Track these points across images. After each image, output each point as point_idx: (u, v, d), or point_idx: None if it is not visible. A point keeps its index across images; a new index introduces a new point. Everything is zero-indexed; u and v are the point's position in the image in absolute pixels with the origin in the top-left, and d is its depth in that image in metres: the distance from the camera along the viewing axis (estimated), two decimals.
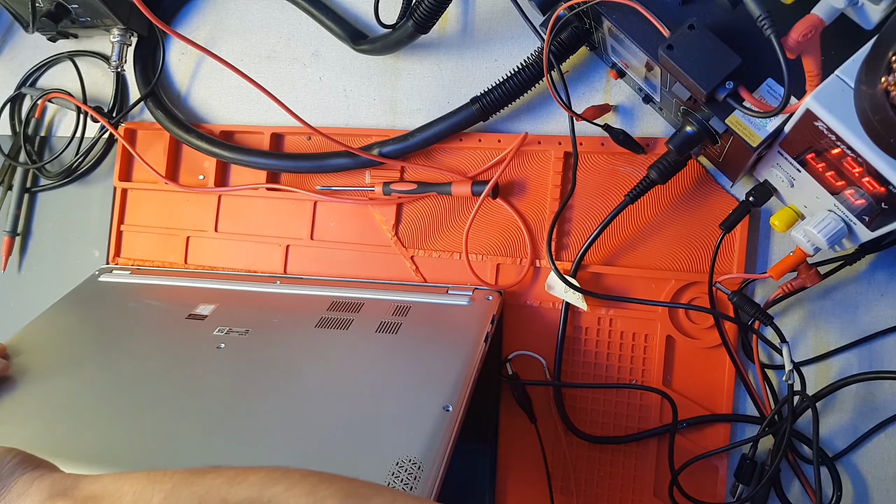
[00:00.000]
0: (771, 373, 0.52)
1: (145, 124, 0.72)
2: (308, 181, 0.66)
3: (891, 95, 0.31)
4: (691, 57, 0.40)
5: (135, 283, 0.66)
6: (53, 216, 0.76)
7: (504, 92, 0.54)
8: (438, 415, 0.41)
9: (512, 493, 0.57)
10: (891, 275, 0.50)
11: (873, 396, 0.50)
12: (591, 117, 0.54)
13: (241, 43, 0.70)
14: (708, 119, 0.43)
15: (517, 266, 0.58)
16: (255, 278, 0.65)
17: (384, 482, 0.36)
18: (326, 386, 0.47)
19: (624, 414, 0.55)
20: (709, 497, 0.52)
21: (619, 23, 0.45)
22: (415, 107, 0.63)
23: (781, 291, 0.50)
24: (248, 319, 0.55)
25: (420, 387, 0.44)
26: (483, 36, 0.61)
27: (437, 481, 0.37)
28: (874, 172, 0.35)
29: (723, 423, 0.52)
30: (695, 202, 0.54)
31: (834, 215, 0.41)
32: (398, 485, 0.36)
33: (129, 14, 0.68)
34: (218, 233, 0.69)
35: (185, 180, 0.70)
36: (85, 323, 0.60)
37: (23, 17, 0.70)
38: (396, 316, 0.53)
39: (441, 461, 0.38)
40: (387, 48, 0.61)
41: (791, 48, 0.36)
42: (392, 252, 0.62)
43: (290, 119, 0.53)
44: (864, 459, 0.50)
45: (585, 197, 0.57)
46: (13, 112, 0.77)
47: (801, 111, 0.37)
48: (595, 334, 0.56)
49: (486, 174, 0.59)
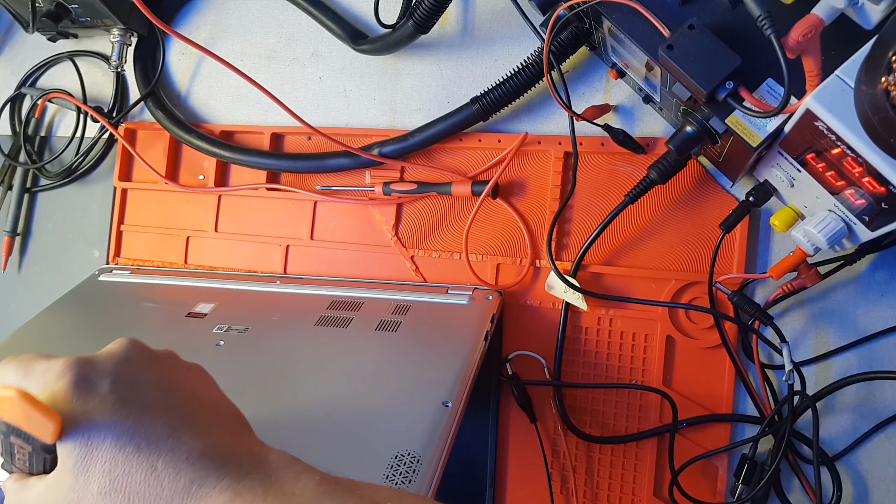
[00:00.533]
0: (771, 373, 0.52)
1: (145, 124, 0.72)
2: (308, 181, 0.66)
3: (891, 95, 0.31)
4: (691, 57, 0.40)
5: (135, 283, 0.66)
6: (53, 216, 0.76)
7: (504, 92, 0.54)
8: (438, 410, 0.41)
9: (512, 492, 0.57)
10: (891, 275, 0.50)
11: (873, 396, 0.50)
12: (591, 117, 0.54)
13: (241, 43, 0.70)
14: (708, 119, 0.43)
15: (517, 266, 0.58)
16: (254, 278, 0.65)
17: (383, 474, 0.36)
18: (325, 381, 0.47)
19: (624, 414, 0.55)
20: (709, 497, 0.52)
21: (619, 23, 0.45)
22: (415, 107, 0.63)
23: (781, 291, 0.50)
24: (248, 318, 0.56)
25: (419, 383, 0.44)
26: (483, 36, 0.61)
27: (437, 475, 0.37)
28: (874, 172, 0.35)
29: (723, 423, 0.52)
30: (695, 202, 0.54)
31: (834, 215, 0.41)
32: (397, 477, 0.36)
33: (129, 14, 0.68)
34: (218, 233, 0.69)
35: (185, 180, 0.70)
36: (84, 321, 0.60)
37: (23, 17, 0.70)
38: (396, 315, 0.54)
39: (440, 456, 0.38)
40: (387, 48, 0.61)
41: (791, 48, 0.36)
42: (392, 252, 0.62)
43: (290, 119, 0.54)
44: (864, 459, 0.50)
45: (585, 197, 0.57)
46: (13, 112, 0.77)
47: (801, 111, 0.37)
48: (595, 334, 0.56)
49: (486, 174, 0.59)
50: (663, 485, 0.53)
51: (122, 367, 0.28)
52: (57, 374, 0.26)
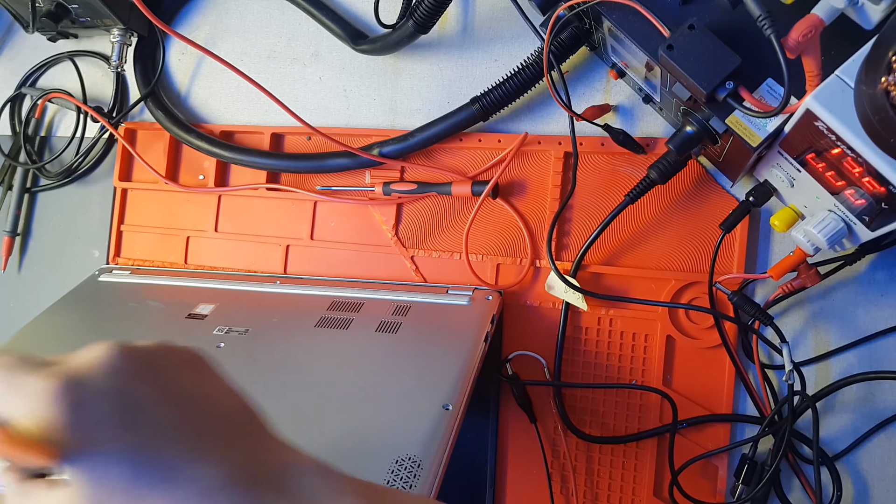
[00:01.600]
0: (771, 373, 0.52)
1: (145, 124, 0.72)
2: (308, 181, 0.66)
3: (891, 95, 0.31)
4: (691, 57, 0.40)
5: (135, 283, 0.66)
6: (53, 216, 0.76)
7: (504, 92, 0.54)
8: (438, 413, 0.41)
9: (512, 492, 0.57)
10: (891, 275, 0.50)
11: (873, 396, 0.50)
12: (591, 117, 0.54)
13: (241, 43, 0.70)
14: (708, 119, 0.43)
15: (517, 266, 0.58)
16: (254, 278, 0.65)
17: (384, 480, 0.36)
18: (325, 384, 0.47)
19: (624, 414, 0.55)
20: (709, 497, 0.52)
21: (619, 23, 0.45)
22: (415, 107, 0.63)
23: (781, 291, 0.50)
24: (248, 319, 0.56)
25: (420, 385, 0.44)
26: (483, 36, 0.61)
27: (437, 479, 0.37)
28: (874, 172, 0.35)
29: (723, 423, 0.52)
30: (695, 202, 0.54)
31: (834, 215, 0.41)
32: (398, 482, 0.36)
33: (129, 14, 0.68)
34: (218, 233, 0.69)
35: (185, 180, 0.70)
36: (84, 322, 0.60)
37: (23, 17, 0.70)
38: (396, 315, 0.54)
39: (441, 459, 0.38)
40: (387, 48, 0.61)
41: (791, 48, 0.36)
42: (392, 252, 0.62)
43: (290, 119, 0.54)
44: (864, 459, 0.50)
45: (585, 197, 0.57)
46: (13, 112, 0.77)
47: (801, 111, 0.37)
48: (595, 334, 0.56)
49: (486, 174, 0.59)
50: (663, 485, 0.53)
51: (116, 383, 0.24)
52: (46, 400, 0.22)
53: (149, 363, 0.26)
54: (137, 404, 0.24)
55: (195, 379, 0.27)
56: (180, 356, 0.28)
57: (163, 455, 0.23)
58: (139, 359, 0.25)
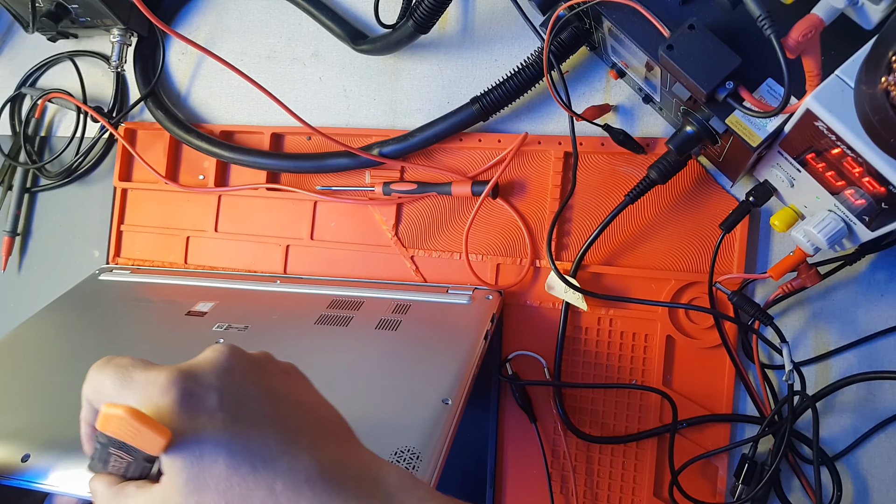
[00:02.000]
0: (771, 373, 0.52)
1: (145, 124, 0.72)
2: (308, 181, 0.66)
3: (891, 95, 0.31)
4: (691, 57, 0.40)
5: (134, 282, 0.66)
6: (53, 216, 0.76)
7: (504, 92, 0.54)
8: (437, 407, 0.41)
9: (512, 492, 0.57)
10: (891, 275, 0.50)
11: (873, 396, 0.50)
12: (591, 117, 0.54)
13: (241, 43, 0.70)
14: (708, 119, 0.43)
15: (517, 266, 0.58)
16: (254, 278, 0.65)
17: None
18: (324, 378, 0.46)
19: (624, 414, 0.55)
20: (709, 497, 0.52)
21: (619, 23, 0.45)
22: (415, 107, 0.63)
23: (781, 291, 0.50)
24: (248, 316, 0.56)
25: (419, 380, 0.44)
26: (483, 36, 0.61)
27: (437, 471, 0.37)
28: (874, 172, 0.35)
29: (723, 423, 0.52)
30: (695, 202, 0.54)
31: (834, 215, 0.41)
32: None
33: (129, 14, 0.68)
34: (218, 233, 0.69)
35: (185, 180, 0.70)
36: (83, 319, 0.60)
37: (23, 17, 0.70)
38: (396, 314, 0.54)
39: (440, 452, 0.38)
40: (387, 48, 0.61)
41: (791, 48, 0.36)
42: (392, 252, 0.62)
43: (290, 119, 0.54)
44: (864, 459, 0.50)
45: (585, 197, 0.57)
46: (13, 112, 0.77)
47: (801, 111, 0.37)
48: (595, 334, 0.56)
49: (486, 174, 0.59)
50: (663, 485, 0.53)
51: (226, 379, 0.26)
52: (161, 388, 0.25)
53: (255, 365, 0.28)
54: (242, 399, 0.26)
55: (295, 386, 0.29)
56: (282, 366, 0.30)
57: (262, 446, 0.25)
58: (246, 361, 0.28)
